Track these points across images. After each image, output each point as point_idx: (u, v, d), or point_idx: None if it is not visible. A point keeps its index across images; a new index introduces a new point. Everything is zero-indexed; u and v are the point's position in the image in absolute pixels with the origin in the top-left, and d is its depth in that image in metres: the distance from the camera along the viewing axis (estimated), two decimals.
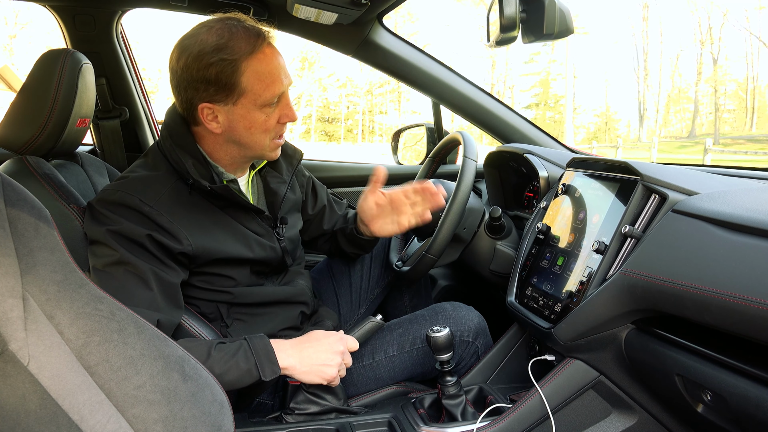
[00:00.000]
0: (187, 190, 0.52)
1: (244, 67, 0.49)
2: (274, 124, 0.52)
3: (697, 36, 14.57)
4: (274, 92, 0.50)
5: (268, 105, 0.50)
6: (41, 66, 0.57)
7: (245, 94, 0.50)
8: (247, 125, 0.51)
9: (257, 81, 0.49)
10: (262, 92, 0.49)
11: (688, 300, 0.40)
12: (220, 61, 0.48)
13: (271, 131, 0.52)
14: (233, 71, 0.49)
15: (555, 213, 0.63)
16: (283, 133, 0.54)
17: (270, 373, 0.48)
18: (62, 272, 0.33)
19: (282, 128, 0.53)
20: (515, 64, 16.51)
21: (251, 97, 0.50)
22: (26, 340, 0.31)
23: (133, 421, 0.32)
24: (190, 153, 0.52)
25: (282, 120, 0.52)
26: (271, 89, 0.50)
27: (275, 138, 0.53)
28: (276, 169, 0.61)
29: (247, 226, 0.55)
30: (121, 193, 0.49)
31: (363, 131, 17.73)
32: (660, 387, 0.47)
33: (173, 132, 0.52)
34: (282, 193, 0.59)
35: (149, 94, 1.01)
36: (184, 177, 0.51)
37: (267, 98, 0.50)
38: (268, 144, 0.53)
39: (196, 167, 0.51)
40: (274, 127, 0.52)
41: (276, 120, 0.52)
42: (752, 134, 12.64)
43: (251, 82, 0.49)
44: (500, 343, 0.65)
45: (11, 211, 0.32)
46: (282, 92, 0.51)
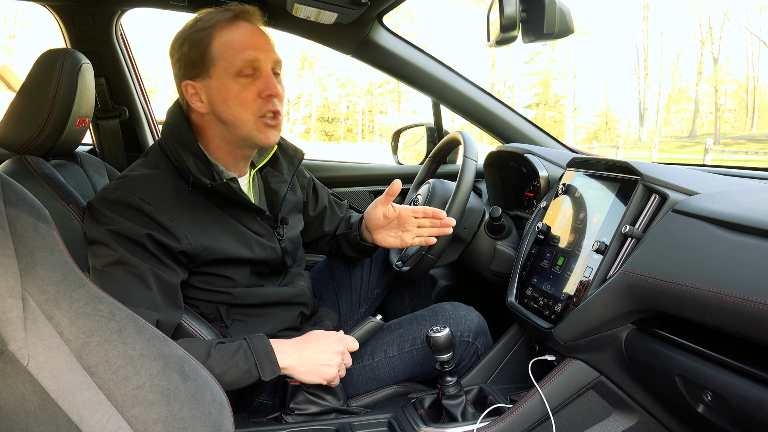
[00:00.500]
0: (187, 189, 0.51)
1: (215, 36, 0.49)
2: (252, 97, 0.49)
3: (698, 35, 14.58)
4: (245, 58, 0.48)
5: (241, 75, 0.48)
6: (41, 66, 0.57)
7: (216, 63, 0.49)
8: (223, 97, 0.49)
9: (227, 48, 0.48)
10: (231, 59, 0.48)
11: (689, 300, 0.40)
12: (193, 32, 0.49)
13: (250, 105, 0.49)
14: (206, 42, 0.49)
15: (555, 213, 0.62)
16: (271, 114, 0.50)
17: (270, 372, 0.48)
18: (62, 272, 0.33)
19: (266, 105, 0.49)
20: (515, 64, 16.55)
21: (222, 65, 0.48)
22: (26, 340, 0.31)
23: (133, 421, 0.32)
24: (191, 151, 0.51)
25: (262, 94, 0.49)
26: (241, 55, 0.48)
27: (259, 116, 0.49)
28: (277, 169, 0.60)
29: (248, 226, 0.55)
30: (122, 192, 0.49)
31: (363, 131, 17.72)
32: (660, 387, 0.47)
33: (174, 130, 0.52)
34: (283, 193, 0.59)
35: (149, 93, 1.00)
36: (185, 175, 0.51)
37: (238, 65, 0.48)
38: (252, 122, 0.49)
39: (197, 165, 0.51)
40: (254, 101, 0.49)
41: (255, 93, 0.49)
42: (753, 134, 12.62)
43: (221, 49, 0.49)
44: (500, 344, 0.65)
45: (11, 211, 0.32)
46: (255, 61, 0.48)
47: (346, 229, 0.67)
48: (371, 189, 1.03)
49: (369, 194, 1.03)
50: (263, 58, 0.50)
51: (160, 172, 0.51)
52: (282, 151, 0.61)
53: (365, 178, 1.03)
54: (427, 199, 0.71)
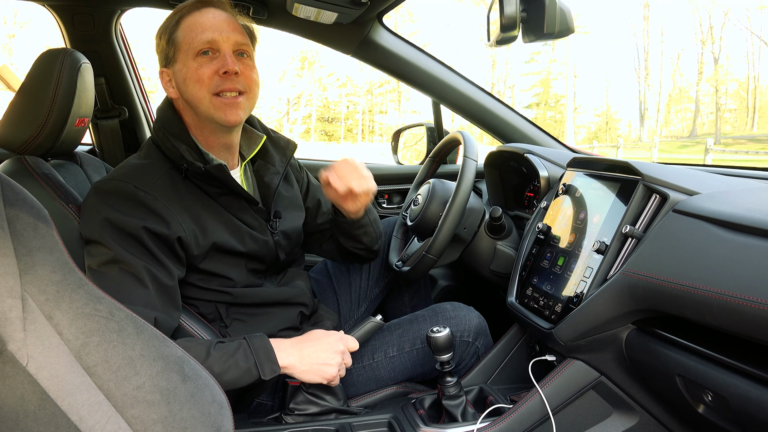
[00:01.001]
0: (180, 177, 0.51)
1: (181, 23, 0.51)
2: (209, 75, 0.49)
3: (698, 35, 14.56)
4: (202, 39, 0.50)
5: (199, 54, 0.50)
6: (40, 65, 0.57)
7: (180, 47, 0.51)
8: (183, 78, 0.50)
9: (188, 32, 0.51)
10: (191, 41, 0.50)
11: (689, 300, 0.40)
12: (165, 23, 0.52)
13: (206, 82, 0.49)
14: (173, 28, 0.51)
15: (555, 213, 0.62)
16: (229, 91, 0.50)
17: (270, 372, 0.48)
18: (61, 272, 0.33)
19: (223, 82, 0.49)
20: (516, 64, 16.53)
21: (184, 48, 0.50)
22: (25, 340, 0.31)
23: (133, 421, 0.32)
24: (182, 140, 0.52)
25: (219, 71, 0.49)
26: (199, 37, 0.50)
27: (214, 93, 0.50)
28: (268, 161, 0.59)
29: (240, 218, 0.54)
30: (116, 182, 0.49)
31: (363, 131, 17.69)
32: (661, 387, 0.47)
33: (165, 122, 0.53)
34: (275, 185, 0.58)
35: (148, 93, 1.00)
36: (178, 164, 0.51)
37: (195, 45, 0.50)
38: (208, 99, 0.50)
39: (189, 152, 0.51)
40: (210, 80, 0.49)
41: (211, 71, 0.49)
42: (753, 134, 12.61)
43: (184, 33, 0.51)
44: (500, 344, 0.65)
45: (10, 211, 0.32)
46: (213, 42, 0.50)
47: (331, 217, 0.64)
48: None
49: None
50: (221, 38, 0.50)
51: (153, 161, 0.52)
52: (273, 143, 0.61)
53: None
54: (427, 199, 0.71)
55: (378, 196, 1.04)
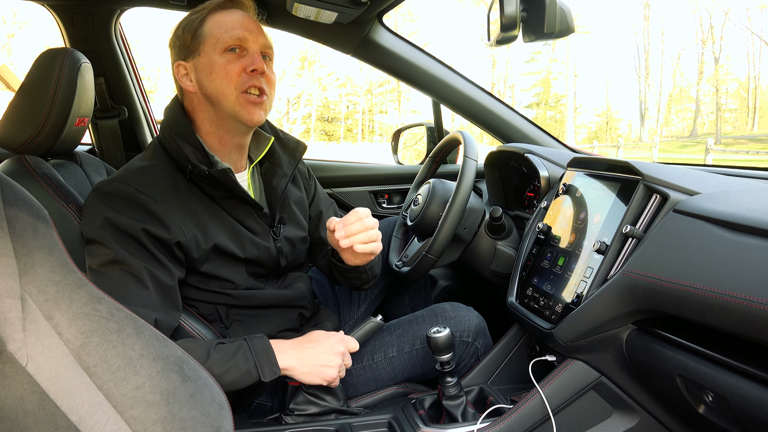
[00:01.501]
0: (184, 180, 0.51)
1: (207, 18, 0.52)
2: (237, 72, 0.50)
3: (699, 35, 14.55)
4: (233, 35, 0.50)
5: (228, 50, 0.50)
6: (40, 65, 0.57)
7: (206, 41, 0.51)
8: (208, 71, 0.50)
9: (217, 27, 0.51)
10: (221, 36, 0.50)
11: (690, 300, 0.39)
12: (188, 18, 0.52)
13: (234, 79, 0.49)
14: (197, 23, 0.52)
15: (556, 213, 0.62)
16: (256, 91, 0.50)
17: (270, 373, 0.48)
18: (61, 272, 0.33)
19: (250, 80, 0.50)
20: (516, 63, 16.50)
21: (211, 41, 0.50)
22: (25, 340, 0.31)
23: (132, 422, 0.32)
24: (189, 142, 0.52)
25: (247, 69, 0.50)
26: (230, 33, 0.50)
27: (242, 90, 0.50)
28: (276, 163, 0.59)
29: (243, 223, 0.54)
30: (117, 184, 0.49)
31: (363, 131, 17.69)
32: (661, 388, 0.47)
33: (172, 123, 0.53)
34: (282, 189, 0.58)
35: (148, 93, 1.00)
36: (182, 166, 0.51)
37: (225, 41, 0.50)
38: (235, 96, 0.50)
39: (195, 154, 0.51)
40: (239, 76, 0.50)
41: (240, 67, 0.50)
42: (754, 134, 12.60)
43: (212, 28, 0.51)
44: (501, 344, 0.65)
45: (9, 211, 0.32)
46: (243, 39, 0.50)
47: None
48: (371, 189, 1.03)
49: (369, 194, 1.03)
50: (251, 38, 0.51)
51: (157, 163, 0.52)
52: (281, 144, 0.61)
53: (365, 178, 1.03)
54: (427, 198, 0.71)
55: (378, 196, 1.03)
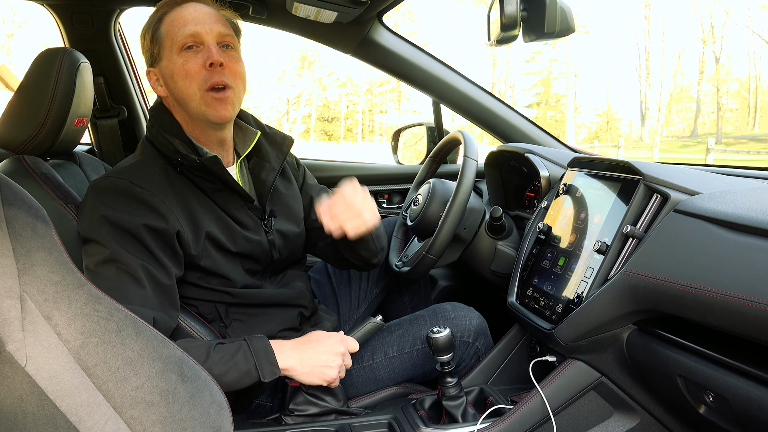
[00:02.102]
0: (175, 173, 0.51)
1: (164, 19, 0.51)
2: (196, 69, 0.49)
3: (699, 35, 14.52)
4: (184, 33, 0.49)
5: (184, 48, 0.49)
6: (39, 65, 0.57)
7: (163, 43, 0.50)
8: (170, 74, 0.50)
9: (170, 27, 0.50)
10: (174, 36, 0.50)
11: (690, 301, 0.39)
12: (149, 22, 0.52)
13: (194, 77, 0.49)
14: (156, 26, 0.51)
15: (556, 213, 0.62)
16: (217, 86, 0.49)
17: (270, 374, 0.48)
18: (60, 272, 0.33)
19: (211, 76, 0.49)
20: (516, 63, 16.50)
21: (168, 43, 0.50)
22: (24, 341, 0.31)
23: (132, 422, 0.32)
24: (176, 136, 0.52)
25: (205, 64, 0.49)
26: (181, 31, 0.49)
27: (206, 89, 0.49)
28: (264, 158, 0.59)
29: (235, 217, 0.54)
30: (112, 179, 0.49)
31: (363, 130, 17.68)
32: (662, 388, 0.47)
33: (157, 120, 0.53)
34: (270, 182, 0.57)
35: (147, 93, 1.00)
36: (172, 160, 0.51)
37: (179, 40, 0.49)
38: (199, 96, 0.49)
39: (183, 146, 0.51)
40: (198, 73, 0.49)
41: (198, 65, 0.49)
42: (755, 134, 12.57)
43: (166, 29, 0.51)
44: (501, 344, 0.65)
45: (9, 211, 0.32)
46: (196, 34, 0.49)
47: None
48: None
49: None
50: (204, 30, 0.50)
51: (147, 158, 0.52)
52: (268, 139, 0.60)
53: (365, 178, 1.03)
54: (427, 198, 0.71)
55: (378, 196, 1.03)
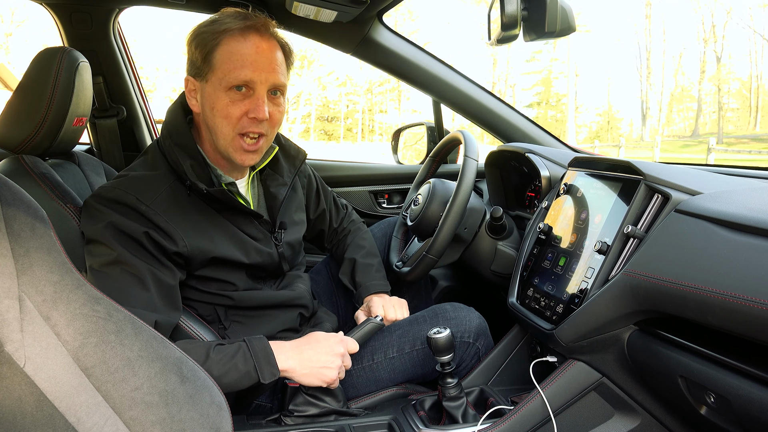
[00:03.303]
0: (185, 191, 0.51)
1: (221, 44, 0.49)
2: (238, 115, 0.49)
3: (701, 34, 14.48)
4: (239, 76, 0.48)
5: (232, 89, 0.48)
6: (38, 64, 0.57)
7: (214, 71, 0.49)
8: (211, 105, 0.50)
9: (227, 60, 0.49)
10: (227, 72, 0.48)
11: (691, 301, 0.39)
12: (205, 33, 0.50)
13: (233, 121, 0.49)
14: (211, 46, 0.49)
15: (557, 213, 0.62)
16: (253, 135, 0.50)
17: (269, 375, 0.48)
18: (59, 273, 0.33)
19: (250, 125, 0.49)
20: (516, 63, 16.53)
21: (219, 74, 0.49)
22: (22, 341, 0.31)
23: (131, 423, 0.32)
24: (189, 154, 0.51)
25: (249, 114, 0.49)
26: (237, 72, 0.48)
27: (240, 134, 0.49)
28: (277, 171, 0.60)
29: (245, 230, 0.54)
30: (118, 191, 0.49)
31: (363, 130, 17.69)
32: (663, 389, 0.47)
33: (173, 131, 0.52)
34: (282, 197, 0.58)
35: (146, 92, 1.00)
36: (182, 178, 0.51)
37: (231, 80, 0.48)
38: (231, 137, 0.49)
39: (194, 169, 0.51)
40: (239, 120, 0.49)
41: (241, 111, 0.49)
42: (756, 133, 12.55)
43: (222, 59, 0.49)
44: (501, 345, 0.65)
45: (7, 211, 0.32)
46: (250, 81, 0.48)
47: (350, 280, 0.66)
48: (371, 189, 1.03)
49: (369, 194, 1.03)
50: (259, 79, 0.49)
51: (158, 173, 0.51)
52: (283, 152, 0.61)
53: (365, 177, 1.02)
54: (427, 198, 0.71)
55: (378, 196, 1.03)
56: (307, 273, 0.67)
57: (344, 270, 0.68)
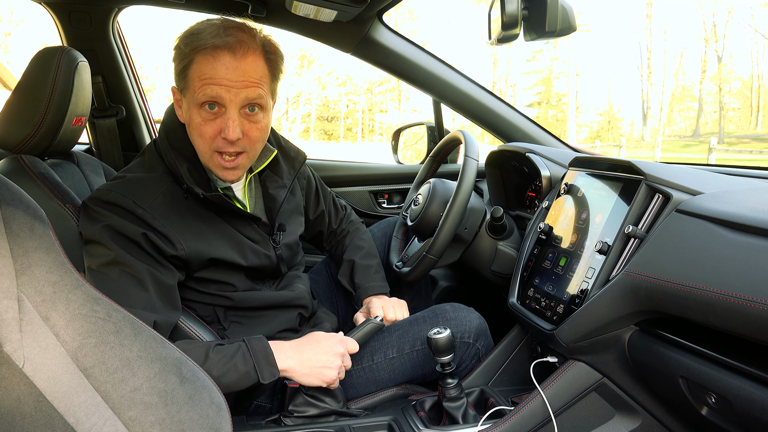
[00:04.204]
0: (182, 194, 0.51)
1: (194, 62, 0.48)
2: (211, 134, 0.48)
3: (702, 33, 14.45)
4: (207, 93, 0.46)
5: (204, 107, 0.47)
6: (37, 64, 0.57)
7: (188, 87, 0.49)
8: (188, 120, 0.49)
9: (197, 78, 0.47)
10: (197, 90, 0.47)
11: (692, 301, 0.39)
12: (183, 46, 0.49)
13: (207, 141, 0.48)
14: (186, 62, 0.48)
15: (557, 213, 0.62)
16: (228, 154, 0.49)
17: (269, 375, 0.48)
18: (58, 273, 0.33)
19: (225, 145, 0.48)
20: (517, 62, 16.49)
21: (191, 91, 0.48)
22: (21, 341, 0.31)
23: (130, 424, 0.32)
24: (185, 157, 0.51)
25: (222, 134, 0.47)
26: (204, 90, 0.47)
27: (216, 153, 0.49)
28: (277, 173, 0.59)
29: (243, 233, 0.54)
30: (115, 194, 0.49)
31: (363, 130, 17.68)
32: (663, 389, 0.47)
33: (170, 133, 0.52)
34: (281, 199, 0.58)
35: (146, 92, 1.00)
36: (179, 181, 0.51)
37: (200, 97, 0.47)
38: (209, 155, 0.49)
39: (191, 172, 0.51)
40: (212, 139, 0.48)
41: (214, 131, 0.48)
42: (757, 133, 12.53)
43: (193, 77, 0.48)
44: (502, 345, 0.65)
45: (6, 211, 0.32)
46: (218, 98, 0.47)
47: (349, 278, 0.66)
48: (371, 189, 1.03)
49: (369, 194, 1.03)
50: (229, 96, 0.47)
51: (155, 175, 0.51)
52: (283, 154, 0.61)
53: (365, 177, 1.02)
54: (427, 198, 0.71)
55: (378, 196, 1.03)
56: (307, 273, 0.67)
57: (343, 272, 0.68)
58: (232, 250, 0.52)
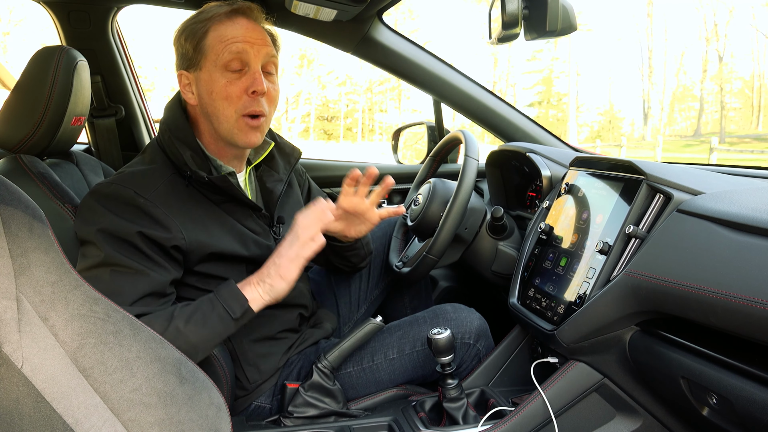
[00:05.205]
0: (183, 184, 0.51)
1: (211, 29, 0.50)
2: (238, 93, 0.48)
3: (703, 33, 14.44)
4: (233, 50, 0.48)
5: (228, 69, 0.48)
6: (35, 63, 0.57)
7: (207, 55, 0.49)
8: (209, 90, 0.49)
9: (218, 42, 0.49)
10: (221, 52, 0.48)
11: (693, 301, 0.39)
12: (192, 24, 0.50)
13: (234, 101, 0.48)
14: (201, 33, 0.50)
15: (558, 213, 0.62)
16: (255, 114, 0.49)
17: (239, 308, 0.46)
18: (57, 273, 0.33)
19: (251, 103, 0.49)
20: (517, 62, 16.46)
21: (212, 57, 0.49)
22: (20, 342, 0.31)
23: (129, 424, 0.32)
24: (188, 145, 0.51)
25: (248, 90, 0.48)
26: (230, 48, 0.48)
27: (243, 114, 0.49)
28: (273, 168, 0.59)
29: (244, 223, 0.54)
30: (116, 186, 0.48)
31: (362, 130, 17.68)
32: (664, 390, 0.47)
33: (172, 125, 0.52)
34: (278, 192, 0.58)
35: (145, 92, 1.00)
36: (181, 170, 0.51)
37: (226, 58, 0.48)
38: (234, 119, 0.49)
39: (194, 159, 0.50)
40: (239, 98, 0.48)
41: (240, 89, 0.48)
42: (758, 133, 12.51)
43: (213, 42, 0.49)
44: (502, 346, 0.65)
45: (5, 211, 0.32)
46: (244, 53, 0.48)
47: None
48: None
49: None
50: (253, 52, 0.49)
51: (156, 166, 0.51)
52: (279, 149, 0.61)
53: None
54: (427, 198, 0.70)
55: None
56: (307, 273, 0.67)
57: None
58: (233, 240, 0.52)
